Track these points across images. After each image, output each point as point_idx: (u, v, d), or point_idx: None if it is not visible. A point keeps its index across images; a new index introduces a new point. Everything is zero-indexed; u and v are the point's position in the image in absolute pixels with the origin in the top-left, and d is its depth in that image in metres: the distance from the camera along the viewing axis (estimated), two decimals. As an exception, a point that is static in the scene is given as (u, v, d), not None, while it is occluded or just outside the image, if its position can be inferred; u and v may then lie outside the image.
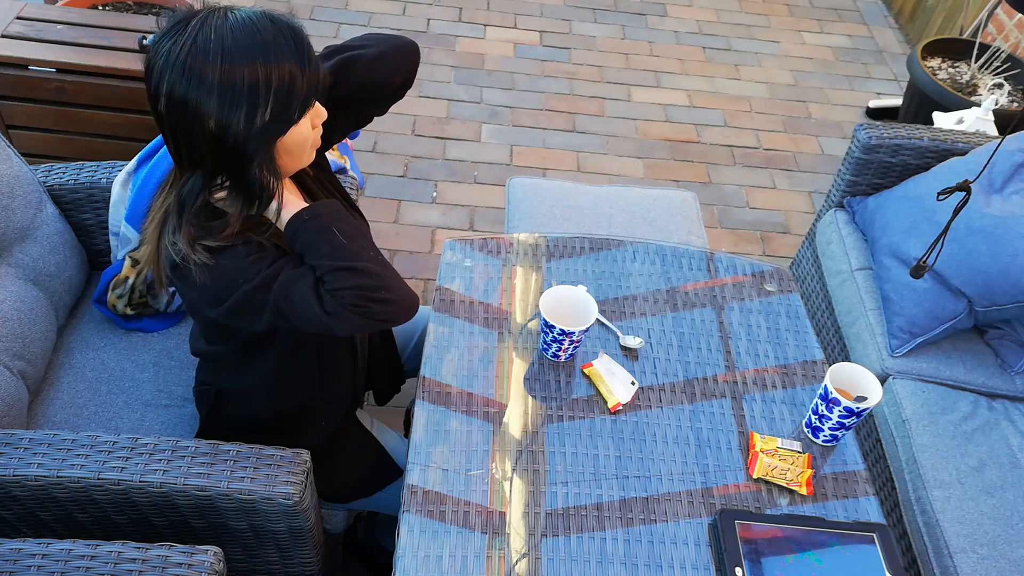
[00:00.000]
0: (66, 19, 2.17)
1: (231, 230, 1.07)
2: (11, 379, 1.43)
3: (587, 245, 1.66)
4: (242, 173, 1.04)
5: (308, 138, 1.08)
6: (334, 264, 1.06)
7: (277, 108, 1.00)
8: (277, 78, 0.98)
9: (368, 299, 1.06)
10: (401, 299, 1.10)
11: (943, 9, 3.65)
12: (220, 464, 1.21)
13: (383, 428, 1.54)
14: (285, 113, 1.01)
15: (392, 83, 1.29)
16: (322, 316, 1.06)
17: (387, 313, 1.10)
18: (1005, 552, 1.50)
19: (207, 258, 1.05)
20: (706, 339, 1.51)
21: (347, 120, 1.31)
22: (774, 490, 1.29)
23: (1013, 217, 1.74)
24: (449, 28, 3.58)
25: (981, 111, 2.66)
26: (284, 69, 0.99)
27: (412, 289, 1.13)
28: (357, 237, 1.10)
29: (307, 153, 1.12)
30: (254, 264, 1.07)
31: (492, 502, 1.23)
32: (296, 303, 1.06)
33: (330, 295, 1.06)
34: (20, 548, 1.09)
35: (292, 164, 1.12)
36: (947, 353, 1.84)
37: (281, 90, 0.99)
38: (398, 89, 1.31)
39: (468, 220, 2.74)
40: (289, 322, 1.10)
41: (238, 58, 0.97)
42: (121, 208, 1.59)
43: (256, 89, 0.98)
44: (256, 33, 0.98)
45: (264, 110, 0.99)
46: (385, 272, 1.10)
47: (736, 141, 3.22)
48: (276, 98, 0.99)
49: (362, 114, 1.34)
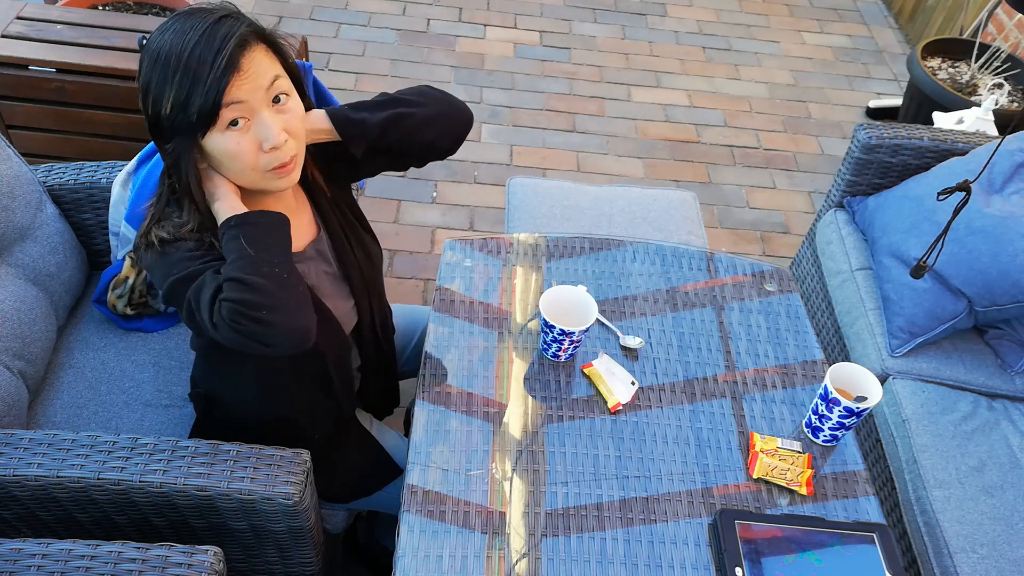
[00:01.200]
0: (66, 19, 2.17)
1: (188, 227, 1.10)
2: (11, 379, 1.43)
3: (587, 245, 1.66)
4: (165, 159, 1.09)
5: (238, 154, 1.05)
6: (229, 273, 1.03)
7: (177, 105, 1.01)
8: (182, 77, 1.00)
9: (245, 316, 0.99)
10: (284, 327, 1.01)
11: (943, 9, 3.65)
12: (220, 464, 1.21)
13: (383, 428, 1.54)
14: (184, 114, 1.01)
15: (438, 147, 1.29)
16: (208, 323, 1.04)
17: (263, 336, 1.01)
18: (1005, 552, 1.50)
19: (157, 243, 1.09)
20: (706, 339, 1.51)
21: (385, 164, 1.32)
22: (774, 490, 1.29)
23: (1013, 217, 1.74)
24: (449, 28, 3.58)
25: (981, 111, 2.66)
26: (192, 72, 0.99)
27: (309, 322, 1.05)
28: (270, 251, 1.05)
29: (250, 174, 1.08)
30: (190, 260, 1.08)
31: (492, 502, 1.23)
32: (201, 306, 1.05)
33: (219, 303, 1.03)
34: (20, 548, 1.09)
35: (238, 179, 1.10)
36: (947, 353, 1.84)
37: (181, 90, 1.00)
38: (443, 152, 1.30)
39: (468, 220, 2.74)
40: (196, 324, 1.08)
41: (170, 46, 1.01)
42: (121, 208, 1.59)
43: (166, 80, 1.01)
44: (195, 33, 1.01)
45: (168, 101, 1.01)
46: (279, 293, 1.02)
47: (736, 141, 3.22)
48: (176, 97, 1.01)
49: (401, 164, 1.34)
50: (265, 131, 1.04)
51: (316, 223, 1.29)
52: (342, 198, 1.34)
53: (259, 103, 1.04)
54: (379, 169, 1.34)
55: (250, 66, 1.02)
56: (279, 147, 1.06)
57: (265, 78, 1.03)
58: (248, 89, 1.02)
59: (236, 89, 1.00)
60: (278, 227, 1.09)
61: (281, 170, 1.08)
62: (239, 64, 1.00)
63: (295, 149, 1.09)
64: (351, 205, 1.36)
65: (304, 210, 1.27)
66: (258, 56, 1.03)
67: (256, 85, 1.02)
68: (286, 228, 1.10)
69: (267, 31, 1.08)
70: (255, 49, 1.03)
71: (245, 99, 1.02)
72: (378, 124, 1.21)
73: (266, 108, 1.05)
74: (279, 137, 1.05)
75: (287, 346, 1.03)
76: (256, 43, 1.04)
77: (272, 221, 1.08)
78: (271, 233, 1.07)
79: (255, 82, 1.02)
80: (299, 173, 1.12)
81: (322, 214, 1.30)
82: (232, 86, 1.00)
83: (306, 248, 1.26)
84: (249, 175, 1.08)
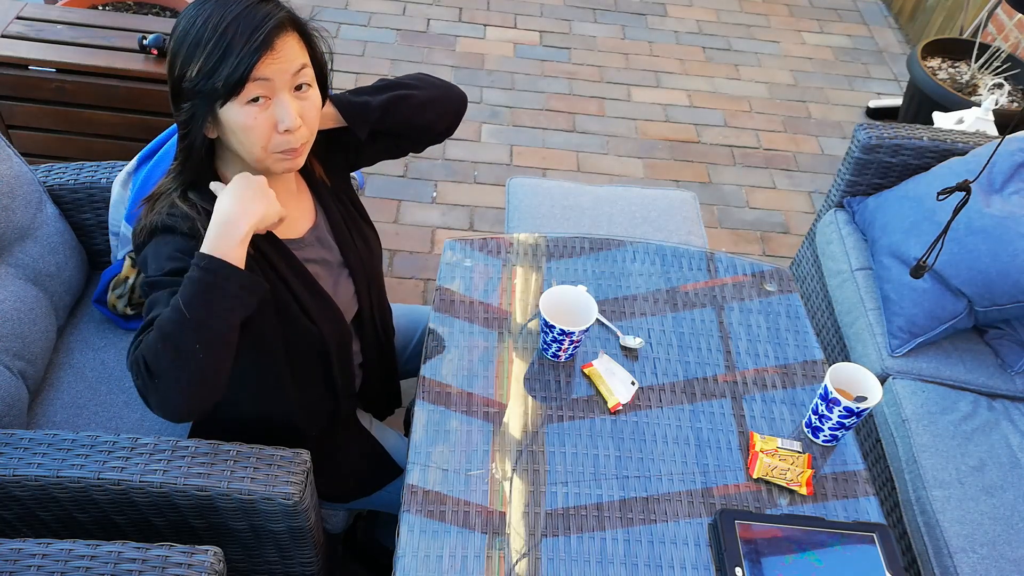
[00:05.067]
0: (66, 19, 2.17)
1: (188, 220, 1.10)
2: (11, 379, 1.43)
3: (587, 245, 1.66)
4: (178, 119, 1.09)
5: (252, 129, 1.07)
6: (160, 324, 1.01)
7: (205, 71, 1.03)
8: (215, 46, 1.02)
9: (142, 364, 1.00)
10: (162, 398, 1.01)
11: (943, 9, 3.65)
12: (220, 464, 1.21)
13: (383, 428, 1.54)
14: (209, 80, 1.03)
15: (435, 128, 1.35)
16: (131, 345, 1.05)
17: (146, 390, 1.01)
18: (1005, 552, 1.50)
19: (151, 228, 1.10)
20: (706, 339, 1.51)
21: (384, 150, 1.37)
22: (774, 490, 1.29)
23: (1013, 217, 1.74)
24: (449, 28, 3.58)
25: (981, 111, 2.66)
26: (227, 43, 1.02)
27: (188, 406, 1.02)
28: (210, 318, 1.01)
29: (259, 151, 1.09)
30: (169, 261, 1.08)
31: (492, 502, 1.23)
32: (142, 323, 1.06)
33: (137, 342, 1.03)
34: (20, 548, 1.09)
35: (245, 154, 1.11)
36: (947, 353, 1.84)
37: (212, 57, 1.02)
38: (439, 134, 1.37)
39: (468, 220, 2.74)
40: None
41: (209, 13, 1.03)
42: (121, 208, 1.59)
43: (199, 44, 1.03)
44: (238, 6, 1.04)
45: (196, 64, 1.03)
46: (180, 371, 1.00)
47: (736, 141, 3.22)
48: (205, 62, 1.03)
49: (399, 148, 1.39)
50: (283, 112, 1.07)
51: (316, 210, 1.31)
52: (342, 189, 1.37)
53: (282, 85, 1.07)
54: (378, 156, 1.38)
55: (283, 49, 1.05)
56: (293, 131, 1.09)
57: (293, 64, 1.07)
58: (276, 70, 1.05)
59: (265, 67, 1.04)
60: (241, 297, 1.05)
61: (290, 153, 1.12)
62: (273, 44, 1.04)
63: (306, 137, 1.13)
64: (352, 198, 1.39)
65: (305, 197, 1.30)
66: (291, 42, 1.07)
67: (284, 68, 1.06)
68: (250, 296, 1.06)
69: (304, 21, 1.12)
70: (290, 35, 1.07)
71: (271, 78, 1.05)
72: (379, 106, 1.26)
73: (287, 92, 1.08)
74: (295, 121, 1.08)
75: (158, 412, 1.04)
76: (291, 30, 1.08)
77: (239, 287, 1.04)
78: (229, 298, 1.03)
79: (284, 65, 1.06)
80: (303, 161, 1.15)
81: (322, 203, 1.32)
82: (262, 63, 1.03)
83: (305, 235, 1.28)
84: (258, 152, 1.10)
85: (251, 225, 1.07)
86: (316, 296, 1.25)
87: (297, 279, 1.23)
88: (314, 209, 1.31)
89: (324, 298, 1.26)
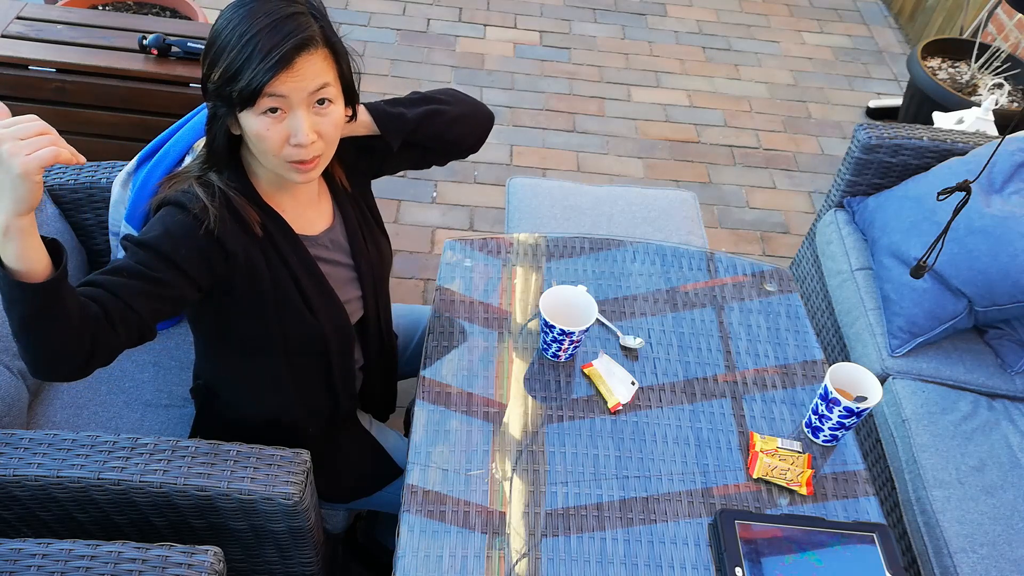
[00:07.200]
0: (66, 19, 2.17)
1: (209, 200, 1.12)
2: (11, 379, 1.43)
3: (587, 245, 1.66)
4: (209, 111, 1.11)
5: (265, 139, 1.07)
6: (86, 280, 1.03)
7: (224, 77, 1.04)
8: (237, 55, 1.02)
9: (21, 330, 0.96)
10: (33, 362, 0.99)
11: (943, 9, 3.65)
12: (220, 464, 1.21)
13: (383, 428, 1.54)
14: (227, 87, 1.04)
15: (464, 143, 1.39)
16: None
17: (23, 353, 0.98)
18: (1005, 552, 1.50)
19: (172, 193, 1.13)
20: (706, 339, 1.51)
21: (409, 160, 1.39)
22: (774, 490, 1.29)
23: (1013, 217, 1.74)
24: (449, 28, 3.58)
25: (981, 111, 2.66)
26: (247, 54, 1.02)
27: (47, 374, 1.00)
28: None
29: (271, 159, 1.10)
30: (158, 233, 1.10)
31: (492, 502, 1.23)
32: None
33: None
34: (20, 548, 1.09)
35: (261, 159, 1.13)
36: (947, 353, 1.84)
37: (232, 66, 1.03)
38: (467, 150, 1.41)
39: (468, 220, 2.74)
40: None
41: (240, 20, 1.04)
42: (121, 208, 1.59)
43: (225, 49, 1.04)
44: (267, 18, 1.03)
45: (219, 69, 1.04)
46: (17, 337, 0.96)
47: (736, 141, 3.22)
48: (227, 70, 1.03)
49: (425, 160, 1.41)
50: (297, 127, 1.07)
51: (334, 213, 1.32)
52: (361, 195, 1.38)
53: (299, 102, 1.06)
54: (402, 166, 1.40)
55: (303, 67, 1.04)
56: (304, 146, 1.08)
57: (313, 83, 1.06)
58: (292, 87, 1.04)
59: (281, 84, 1.03)
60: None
61: (300, 165, 1.11)
62: (293, 63, 1.03)
63: (321, 150, 1.12)
64: (370, 204, 1.40)
65: (325, 199, 1.31)
66: (315, 60, 1.06)
67: (301, 86, 1.05)
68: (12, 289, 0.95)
69: (334, 38, 1.10)
70: (315, 53, 1.06)
71: (286, 95, 1.05)
72: (414, 119, 1.29)
73: (304, 108, 1.07)
74: (307, 137, 1.07)
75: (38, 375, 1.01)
76: (318, 47, 1.06)
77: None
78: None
79: (301, 83, 1.05)
80: (319, 173, 1.15)
81: (341, 207, 1.33)
82: (278, 80, 1.03)
83: (320, 235, 1.28)
84: (270, 159, 1.11)
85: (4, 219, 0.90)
86: (321, 292, 1.25)
87: (305, 272, 1.23)
88: (332, 212, 1.32)
89: (329, 295, 1.27)
